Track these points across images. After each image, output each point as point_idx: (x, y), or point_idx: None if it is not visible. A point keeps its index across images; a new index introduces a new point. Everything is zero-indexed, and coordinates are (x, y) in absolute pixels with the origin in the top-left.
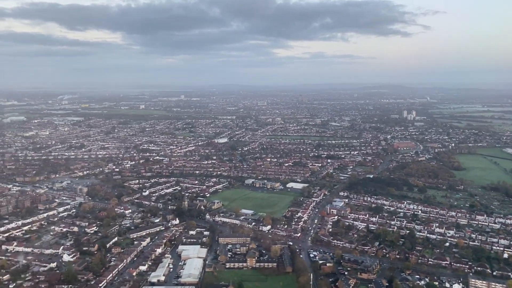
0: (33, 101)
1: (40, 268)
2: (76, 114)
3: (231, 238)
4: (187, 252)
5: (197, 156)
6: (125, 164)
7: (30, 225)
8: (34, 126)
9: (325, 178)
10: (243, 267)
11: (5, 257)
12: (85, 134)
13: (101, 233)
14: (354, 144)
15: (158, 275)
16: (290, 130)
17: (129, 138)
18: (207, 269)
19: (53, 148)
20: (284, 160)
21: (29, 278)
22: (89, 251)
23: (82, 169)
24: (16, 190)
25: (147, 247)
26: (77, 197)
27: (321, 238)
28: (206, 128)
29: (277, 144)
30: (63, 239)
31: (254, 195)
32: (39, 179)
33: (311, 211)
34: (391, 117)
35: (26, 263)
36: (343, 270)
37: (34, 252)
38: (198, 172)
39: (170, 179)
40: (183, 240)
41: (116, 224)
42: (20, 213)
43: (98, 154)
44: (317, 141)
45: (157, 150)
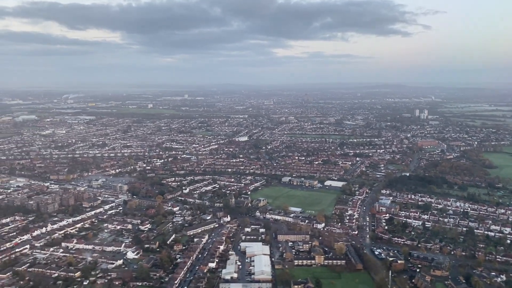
0: (38, 100)
1: (108, 265)
2: (86, 113)
3: (290, 236)
4: (251, 249)
5: (224, 155)
6: (155, 162)
7: (82, 223)
8: (49, 125)
9: (361, 176)
10: (311, 264)
11: (70, 254)
12: (102, 132)
13: (156, 230)
14: (377, 142)
15: (230, 272)
16: (307, 129)
17: (148, 137)
18: (276, 266)
19: (76, 147)
20: (312, 159)
21: (100, 275)
22: (151, 248)
23: (113, 167)
24: (54, 188)
25: (208, 244)
26: (120, 194)
27: (380, 235)
28: (221, 126)
29: (299, 142)
30: (119, 236)
31: (295, 193)
32: (73, 177)
33: (358, 209)
34: (403, 116)
35: (93, 260)
36: (413, 267)
37: (96, 249)
38: (230, 170)
39: (206, 177)
40: (242, 237)
41: (168, 221)
42: (67, 211)
43: (123, 152)
44: (339, 139)
45: (181, 149)
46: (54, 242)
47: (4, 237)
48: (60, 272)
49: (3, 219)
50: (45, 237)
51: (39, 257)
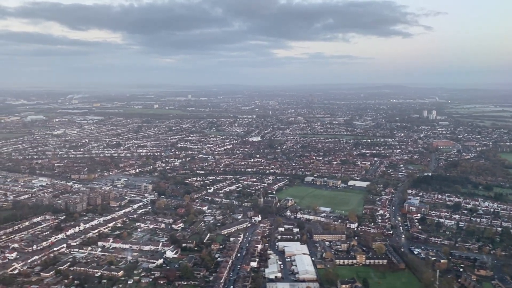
0: (42, 100)
1: (149, 264)
2: (93, 113)
3: (326, 235)
4: (290, 249)
5: (240, 154)
6: (173, 162)
7: (113, 222)
8: (58, 125)
9: (383, 176)
10: (353, 263)
11: (108, 253)
12: (114, 132)
13: (189, 229)
14: (391, 143)
15: (273, 271)
16: (318, 129)
17: (161, 137)
18: (318, 266)
19: (91, 147)
20: (330, 159)
21: (143, 274)
22: (188, 247)
23: (132, 167)
24: (77, 187)
25: (244, 243)
26: (146, 194)
27: (416, 235)
28: (231, 127)
29: (313, 142)
30: (153, 235)
31: (320, 193)
32: (94, 177)
33: (388, 209)
34: (411, 116)
35: (133, 259)
36: (456, 267)
37: (133, 248)
38: (250, 170)
39: (227, 177)
40: (277, 237)
41: (200, 221)
42: (96, 210)
43: (139, 152)
44: (352, 140)
45: (196, 149)
46: (90, 241)
47: (38, 236)
48: (103, 271)
49: (34, 218)
50: (80, 236)
51: (77, 256)
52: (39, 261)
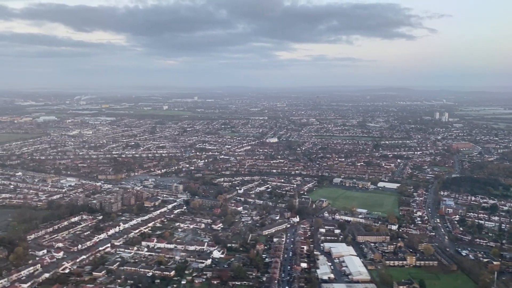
0: (49, 101)
1: (198, 264)
2: (104, 114)
3: (370, 237)
4: (337, 250)
5: (261, 155)
6: (197, 163)
7: (152, 222)
8: (72, 126)
9: (411, 177)
10: (403, 265)
11: (155, 253)
12: (130, 133)
13: (230, 230)
14: (410, 144)
15: (325, 272)
16: (333, 131)
17: (177, 138)
18: (369, 267)
19: (110, 147)
20: (353, 160)
21: (196, 274)
22: (234, 247)
23: (156, 167)
24: (107, 187)
25: (288, 244)
26: (179, 194)
27: (460, 236)
28: (245, 128)
29: (331, 144)
30: (195, 235)
31: (352, 194)
32: (121, 177)
33: (424, 210)
34: (424, 118)
35: (182, 259)
36: (508, 269)
37: (178, 248)
38: (275, 171)
39: (254, 178)
40: (320, 238)
41: (238, 221)
42: (131, 210)
43: (160, 153)
44: (370, 141)
45: (215, 149)
46: (134, 241)
47: (80, 236)
48: (154, 271)
49: (72, 218)
50: (122, 236)
51: (124, 256)
52: (87, 261)
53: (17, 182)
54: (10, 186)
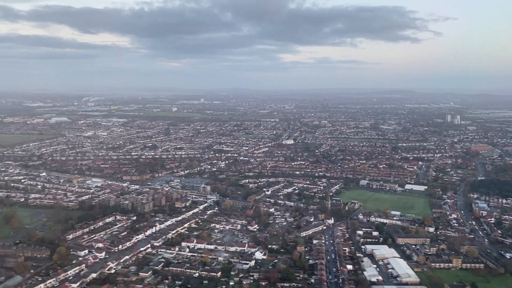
0: (57, 102)
1: (243, 265)
2: (115, 115)
3: (410, 239)
4: (380, 252)
5: (281, 157)
6: (219, 164)
7: (188, 223)
8: (85, 127)
9: (436, 180)
10: (449, 267)
11: (197, 253)
12: (145, 135)
13: (266, 231)
14: (427, 147)
15: (373, 274)
16: (347, 133)
17: (193, 139)
18: (415, 269)
19: (128, 148)
20: (375, 162)
21: (242, 275)
22: (275, 249)
23: (178, 168)
24: (134, 188)
25: (328, 246)
26: (208, 195)
27: (500, 239)
28: (258, 130)
29: (349, 146)
30: (233, 236)
31: (381, 197)
32: (146, 178)
33: (458, 213)
34: (435, 121)
35: (225, 260)
36: None
37: (219, 249)
38: (298, 172)
39: (278, 179)
40: (359, 240)
41: (273, 222)
42: (164, 211)
43: (180, 154)
44: (387, 143)
45: (232, 151)
46: (174, 242)
47: (118, 236)
48: (201, 272)
49: (106, 218)
50: (161, 236)
51: (166, 256)
52: (130, 261)
53: (43, 182)
54: (38, 187)
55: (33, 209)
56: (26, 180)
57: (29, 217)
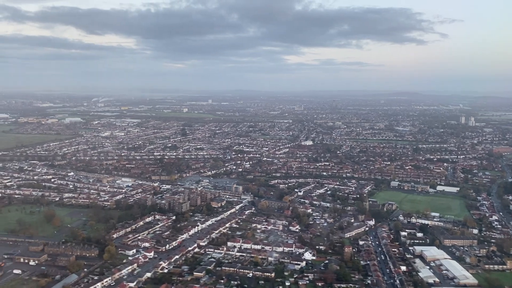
0: (67, 103)
1: (294, 266)
2: (128, 116)
3: (457, 240)
4: (430, 253)
5: (304, 158)
6: (244, 165)
7: (229, 223)
8: (101, 127)
9: (466, 181)
10: (503, 269)
11: (247, 254)
12: (162, 135)
13: (309, 231)
14: (449, 148)
15: (429, 275)
16: (364, 134)
17: (211, 140)
18: (469, 271)
19: (149, 149)
20: (400, 163)
21: (297, 276)
22: (322, 249)
23: (204, 169)
24: (166, 188)
25: (375, 246)
26: (242, 195)
27: None
28: (273, 131)
29: (370, 147)
30: (277, 236)
31: (414, 198)
32: (175, 178)
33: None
34: (449, 122)
35: (276, 261)
36: None
37: (266, 249)
38: (325, 173)
39: (307, 180)
40: (406, 241)
41: (314, 223)
42: (201, 210)
43: (202, 154)
44: (407, 145)
45: (253, 152)
46: (219, 242)
47: (162, 236)
48: (254, 272)
49: (146, 217)
50: (205, 236)
51: (215, 256)
52: (180, 261)
53: (73, 182)
54: (70, 186)
55: (69, 208)
56: (56, 180)
57: (67, 216)
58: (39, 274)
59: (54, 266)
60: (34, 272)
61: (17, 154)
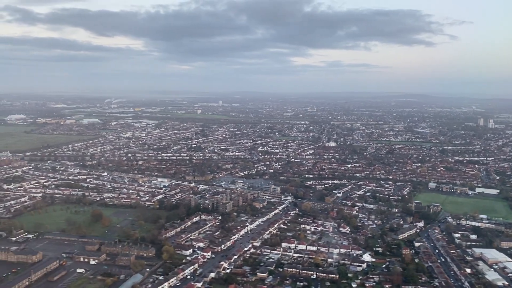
0: (80, 104)
1: (356, 267)
2: (143, 117)
3: None
4: (491, 256)
5: (333, 159)
6: (274, 166)
7: (277, 223)
8: (120, 128)
9: (504, 183)
10: None
11: (304, 255)
12: (183, 136)
13: (361, 233)
14: (476, 150)
15: (497, 278)
16: (385, 135)
17: (233, 141)
18: None
19: (175, 149)
20: (430, 165)
21: (362, 277)
22: (379, 251)
23: (235, 169)
24: (203, 188)
25: (432, 248)
26: (283, 196)
27: None
28: (292, 132)
29: (396, 149)
30: (328, 238)
31: (456, 200)
32: (209, 178)
33: None
34: (468, 124)
35: (335, 262)
36: None
37: (322, 250)
38: (359, 175)
39: (343, 181)
40: (462, 243)
41: (362, 225)
42: (245, 211)
43: (229, 155)
44: (432, 147)
45: (278, 152)
46: (273, 242)
47: (214, 236)
48: (318, 273)
49: (193, 217)
50: (258, 236)
51: (273, 257)
52: (239, 261)
53: (109, 182)
54: (107, 186)
55: (111, 208)
56: (91, 180)
57: (112, 216)
58: (103, 273)
59: (115, 266)
60: (97, 271)
61: (46, 154)
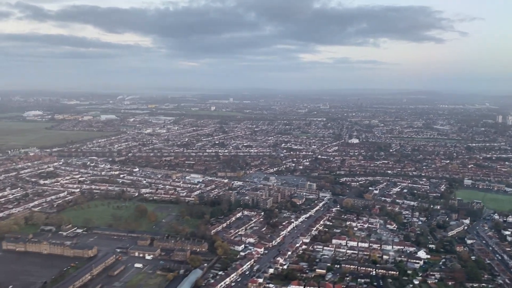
0: (93, 101)
1: (414, 264)
2: (158, 114)
3: None
4: None
5: (360, 156)
6: (303, 162)
7: (322, 220)
8: (139, 125)
9: None
10: None
11: (359, 251)
12: (203, 133)
13: (409, 229)
14: (501, 147)
15: None
16: (406, 132)
17: (254, 137)
18: None
19: (199, 145)
20: (459, 162)
21: (422, 274)
22: (433, 248)
23: (264, 165)
24: (238, 184)
25: (487, 245)
26: (321, 193)
27: None
28: (311, 129)
29: (421, 145)
30: (377, 234)
31: (495, 197)
32: (241, 174)
33: None
34: (486, 121)
35: (392, 258)
36: None
37: (374, 247)
38: (390, 172)
39: (376, 178)
40: None
41: (408, 221)
42: (286, 207)
43: (254, 152)
44: (456, 143)
45: (303, 149)
46: (323, 239)
47: (262, 231)
48: (378, 270)
49: (236, 213)
50: (307, 233)
51: (326, 253)
52: (293, 257)
53: (142, 178)
54: (143, 182)
55: (152, 204)
56: (124, 175)
57: (155, 211)
58: (161, 268)
59: (171, 261)
60: (155, 266)
61: (72, 150)
